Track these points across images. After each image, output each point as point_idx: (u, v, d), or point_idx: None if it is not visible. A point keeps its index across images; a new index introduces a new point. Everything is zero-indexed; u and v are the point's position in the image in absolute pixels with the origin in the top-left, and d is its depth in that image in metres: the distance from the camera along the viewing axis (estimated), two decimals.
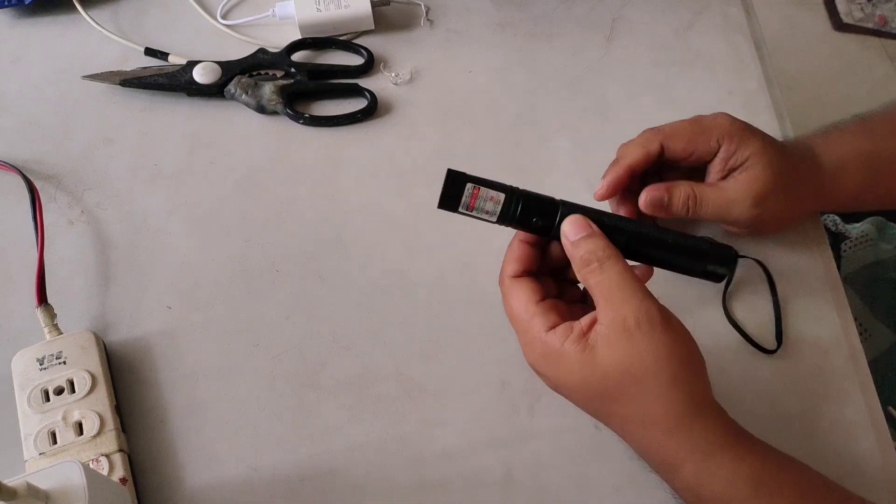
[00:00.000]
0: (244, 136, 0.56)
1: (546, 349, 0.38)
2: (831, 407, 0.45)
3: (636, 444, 0.38)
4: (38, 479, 0.33)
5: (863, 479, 0.43)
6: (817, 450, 0.44)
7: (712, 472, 0.36)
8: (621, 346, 0.36)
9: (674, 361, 0.36)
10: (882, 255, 0.72)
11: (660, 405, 0.36)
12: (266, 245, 0.51)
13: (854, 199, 0.48)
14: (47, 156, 0.55)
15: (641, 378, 0.36)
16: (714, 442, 0.36)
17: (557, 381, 0.38)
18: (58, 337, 0.45)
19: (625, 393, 0.36)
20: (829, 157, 0.47)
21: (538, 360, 0.39)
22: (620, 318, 0.36)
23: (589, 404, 0.39)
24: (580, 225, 0.38)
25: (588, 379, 0.37)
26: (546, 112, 0.57)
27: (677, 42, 0.60)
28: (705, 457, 0.36)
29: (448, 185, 0.38)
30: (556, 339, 0.37)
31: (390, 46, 0.60)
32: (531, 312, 0.39)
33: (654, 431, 0.36)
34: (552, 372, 0.38)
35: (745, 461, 0.36)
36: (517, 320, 0.40)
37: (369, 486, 0.43)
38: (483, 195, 0.38)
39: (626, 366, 0.35)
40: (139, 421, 0.45)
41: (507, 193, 0.39)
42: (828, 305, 0.48)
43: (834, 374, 0.46)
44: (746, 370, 0.46)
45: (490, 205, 0.38)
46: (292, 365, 0.47)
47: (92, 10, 0.61)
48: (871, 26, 1.68)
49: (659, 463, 0.38)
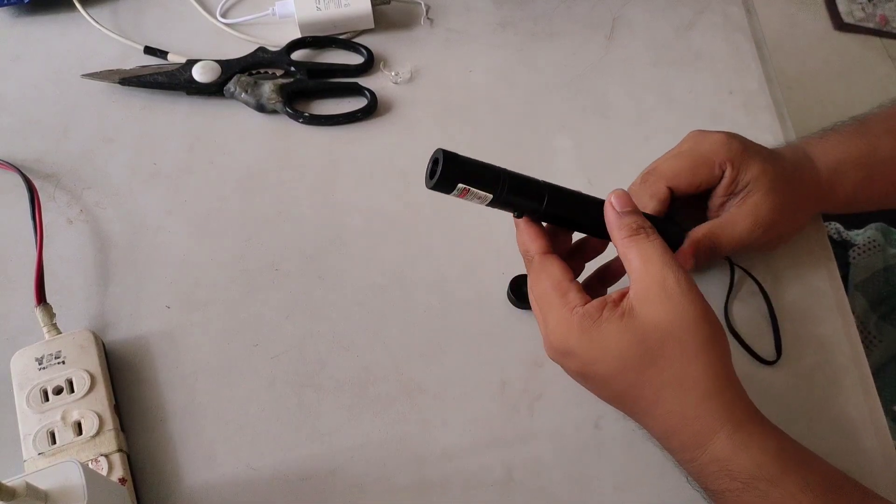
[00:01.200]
0: (244, 135, 0.56)
1: (583, 323, 0.37)
2: (832, 407, 0.45)
3: (667, 418, 0.38)
4: (38, 479, 0.33)
5: (864, 479, 0.43)
6: (818, 450, 0.43)
7: (744, 442, 0.36)
8: (661, 305, 0.36)
9: (709, 322, 0.37)
10: (891, 261, 0.72)
11: (699, 364, 0.36)
12: (266, 245, 0.51)
13: (850, 200, 0.48)
14: (46, 154, 0.55)
15: (681, 336, 0.36)
16: (745, 411, 0.37)
17: (594, 354, 0.38)
18: (57, 336, 0.45)
19: (664, 353, 0.36)
20: (825, 160, 0.47)
21: (573, 336, 0.38)
22: (661, 279, 0.37)
23: (625, 374, 0.38)
24: (626, 200, 0.39)
25: (629, 344, 0.37)
26: (546, 111, 0.57)
27: (678, 41, 0.60)
28: (737, 426, 0.36)
29: (446, 167, 0.37)
30: (593, 309, 0.37)
31: (390, 45, 0.60)
32: (566, 288, 0.39)
33: (692, 394, 0.37)
34: (589, 345, 0.38)
35: (773, 434, 0.37)
36: (550, 297, 0.39)
37: (369, 485, 0.43)
38: (471, 195, 0.38)
39: (667, 323, 0.36)
40: (138, 421, 0.45)
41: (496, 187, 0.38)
42: (829, 307, 0.48)
43: (835, 375, 0.46)
44: (748, 371, 0.46)
45: (483, 191, 0.38)
46: (292, 365, 0.47)
47: (91, 9, 0.61)
48: (872, 26, 1.68)
49: (691, 433, 0.37)
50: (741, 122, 0.56)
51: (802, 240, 0.50)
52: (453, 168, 0.37)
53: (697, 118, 0.56)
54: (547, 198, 0.39)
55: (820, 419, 0.45)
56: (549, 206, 0.39)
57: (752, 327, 0.48)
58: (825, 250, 0.51)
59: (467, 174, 0.37)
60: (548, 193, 0.39)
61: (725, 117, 0.56)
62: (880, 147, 0.47)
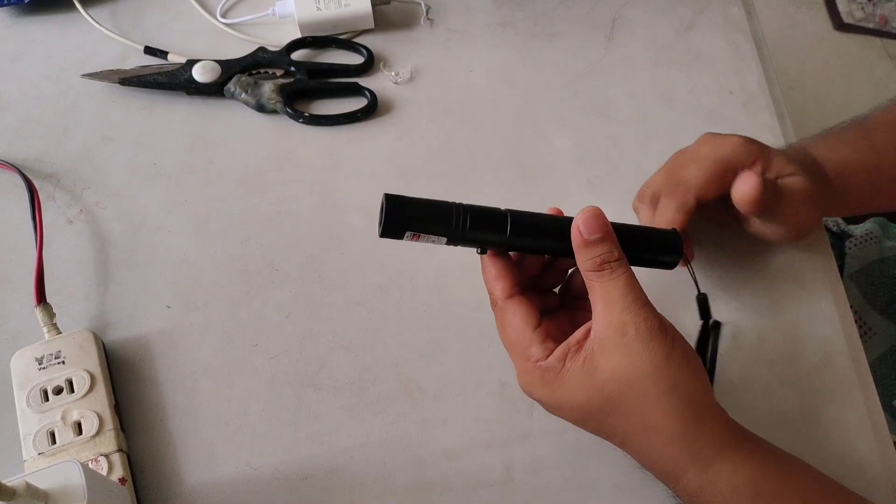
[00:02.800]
0: (244, 135, 0.56)
1: (546, 376, 0.37)
2: (831, 407, 0.45)
3: (638, 455, 0.38)
4: (38, 479, 0.33)
5: (863, 479, 0.43)
6: (817, 450, 0.43)
7: (713, 480, 0.36)
8: (619, 353, 0.36)
9: (671, 367, 0.36)
10: (887, 253, 0.72)
11: (659, 411, 0.36)
12: (265, 244, 0.51)
13: (859, 204, 0.48)
14: (46, 154, 0.55)
15: (640, 384, 0.36)
16: (714, 447, 0.36)
17: (557, 403, 0.38)
18: (57, 336, 0.45)
19: (624, 402, 0.36)
20: (830, 164, 0.46)
21: (536, 387, 0.38)
22: (619, 325, 0.36)
23: (589, 421, 0.38)
24: (597, 224, 0.37)
25: (589, 394, 0.36)
26: (546, 111, 0.57)
27: (678, 41, 0.60)
28: (706, 465, 0.36)
29: (390, 213, 0.35)
30: (555, 362, 0.37)
31: (390, 45, 0.60)
32: (528, 340, 0.38)
33: (655, 439, 0.36)
34: (551, 396, 0.38)
35: (746, 468, 0.36)
36: (513, 347, 0.39)
37: (369, 485, 0.43)
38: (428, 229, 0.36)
39: (625, 373, 0.36)
40: (138, 420, 0.45)
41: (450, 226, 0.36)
42: (828, 305, 0.48)
43: (834, 374, 0.46)
44: (746, 370, 0.46)
45: (434, 236, 0.36)
46: (292, 365, 0.47)
47: (91, 9, 0.61)
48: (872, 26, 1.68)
49: (661, 472, 0.38)
50: (741, 122, 0.56)
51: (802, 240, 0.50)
52: (398, 213, 0.35)
53: (697, 118, 0.56)
54: (510, 227, 0.37)
55: (819, 420, 0.45)
56: (512, 235, 0.37)
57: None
58: (825, 250, 0.51)
59: (416, 218, 0.36)
60: (510, 222, 0.37)
61: (725, 117, 0.56)
62: (886, 155, 0.46)
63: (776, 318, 0.48)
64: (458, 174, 0.54)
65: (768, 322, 0.48)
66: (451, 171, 0.54)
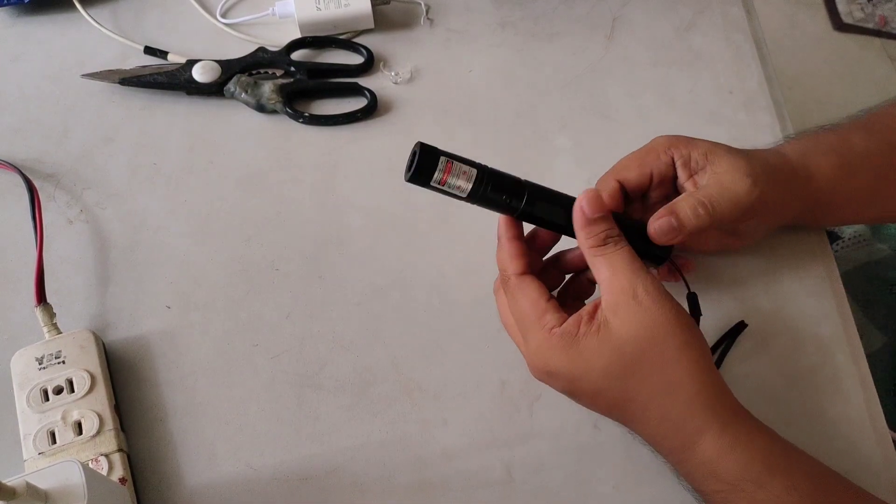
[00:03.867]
0: (244, 135, 0.56)
1: (563, 342, 0.38)
2: (831, 405, 0.45)
3: (656, 424, 0.38)
4: (38, 479, 0.33)
5: (864, 479, 0.43)
6: (817, 449, 0.43)
7: (730, 444, 0.36)
8: (634, 315, 0.37)
9: (682, 326, 0.37)
10: (877, 256, 0.72)
11: (679, 368, 0.37)
12: (265, 245, 0.51)
13: (832, 187, 0.45)
14: (46, 154, 0.55)
15: (657, 341, 0.36)
16: (731, 410, 0.37)
17: (577, 372, 0.38)
18: (57, 336, 0.45)
19: (644, 362, 0.37)
20: (791, 148, 0.46)
21: (554, 356, 0.38)
22: (630, 289, 0.37)
23: (610, 391, 0.38)
24: (598, 204, 0.39)
25: (609, 358, 0.37)
26: (546, 111, 0.57)
27: (678, 41, 0.60)
28: (723, 427, 0.36)
29: (423, 157, 0.37)
30: (570, 327, 0.38)
31: (390, 45, 0.60)
32: (542, 310, 0.39)
33: (677, 398, 0.37)
34: (570, 364, 0.38)
35: (759, 437, 0.37)
36: (526, 319, 0.39)
37: (369, 485, 0.43)
38: (456, 170, 0.38)
39: (642, 332, 0.36)
40: (138, 420, 0.45)
41: (478, 170, 0.39)
42: (828, 304, 0.48)
43: (834, 373, 0.46)
44: (746, 369, 0.46)
45: (462, 181, 0.38)
46: (292, 365, 0.47)
47: (91, 9, 0.61)
48: (872, 26, 1.68)
49: (679, 439, 0.37)
50: (741, 122, 0.56)
51: (801, 239, 0.50)
52: (430, 157, 0.37)
53: (697, 118, 0.56)
54: (527, 195, 0.39)
55: (819, 420, 0.45)
56: (528, 205, 0.39)
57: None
58: (825, 250, 0.51)
59: (447, 155, 0.38)
60: (528, 190, 0.40)
61: (725, 117, 0.56)
62: (852, 139, 0.46)
63: (776, 318, 0.48)
64: None
65: (768, 322, 0.48)
66: None
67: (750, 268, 0.50)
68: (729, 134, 0.55)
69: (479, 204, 0.40)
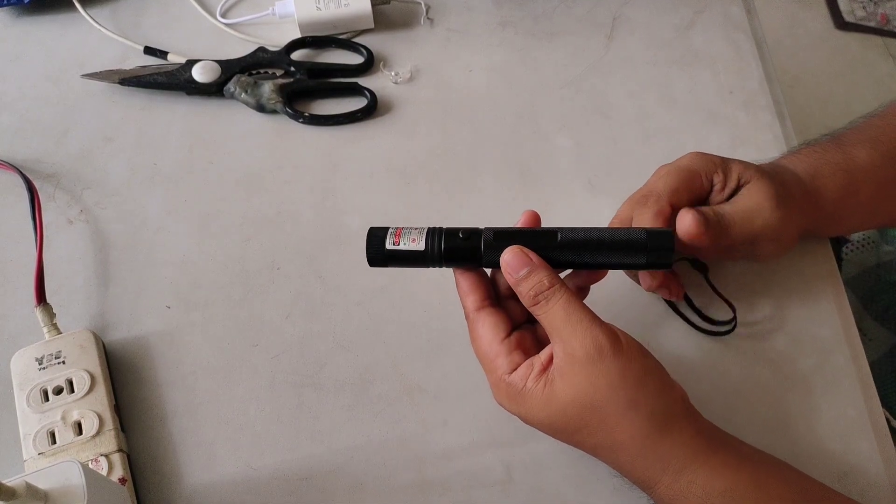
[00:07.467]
0: (243, 135, 0.56)
1: (510, 390, 0.38)
2: (831, 406, 0.45)
3: (611, 466, 0.39)
4: (38, 479, 0.33)
5: (863, 479, 0.43)
6: (817, 450, 0.43)
7: (686, 488, 0.36)
8: (574, 379, 0.36)
9: (628, 384, 0.36)
10: (885, 258, 0.72)
11: (622, 429, 0.36)
12: (266, 245, 0.51)
13: (838, 207, 0.47)
14: (46, 155, 0.55)
15: (599, 407, 0.36)
16: (686, 457, 0.36)
17: (525, 418, 0.39)
18: (57, 336, 0.45)
19: (586, 424, 0.37)
20: (802, 167, 0.46)
21: (503, 400, 0.39)
22: (570, 352, 0.36)
23: (558, 436, 0.39)
24: (520, 260, 0.38)
25: (552, 415, 0.37)
26: (546, 111, 0.57)
27: (678, 41, 0.60)
28: (678, 473, 0.36)
29: (372, 231, 0.41)
30: (518, 380, 0.38)
31: (390, 45, 0.60)
32: (494, 352, 0.39)
33: (622, 455, 0.37)
34: (517, 411, 0.39)
35: (720, 476, 0.36)
36: (483, 359, 0.40)
37: (369, 485, 0.43)
38: (405, 233, 0.40)
39: (582, 397, 0.36)
40: (138, 421, 0.45)
41: (427, 228, 0.40)
42: (829, 305, 0.48)
43: (835, 374, 0.46)
44: (746, 370, 0.46)
45: (415, 235, 0.39)
46: (292, 365, 0.47)
47: (91, 9, 0.61)
48: (873, 25, 1.67)
49: (635, 481, 0.39)
50: (741, 122, 0.56)
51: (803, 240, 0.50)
52: (379, 229, 0.40)
53: (697, 118, 0.56)
54: (483, 255, 0.39)
55: (820, 420, 0.45)
56: (486, 259, 0.39)
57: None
58: (826, 250, 0.51)
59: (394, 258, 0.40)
60: (483, 235, 0.39)
61: (725, 117, 0.56)
62: (857, 155, 0.46)
63: (776, 318, 0.48)
64: (458, 174, 0.54)
65: (768, 322, 0.48)
66: (451, 171, 0.54)
67: (750, 268, 0.50)
68: (729, 134, 0.55)
69: (446, 264, 0.40)
